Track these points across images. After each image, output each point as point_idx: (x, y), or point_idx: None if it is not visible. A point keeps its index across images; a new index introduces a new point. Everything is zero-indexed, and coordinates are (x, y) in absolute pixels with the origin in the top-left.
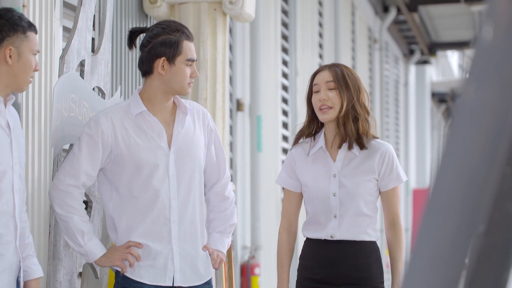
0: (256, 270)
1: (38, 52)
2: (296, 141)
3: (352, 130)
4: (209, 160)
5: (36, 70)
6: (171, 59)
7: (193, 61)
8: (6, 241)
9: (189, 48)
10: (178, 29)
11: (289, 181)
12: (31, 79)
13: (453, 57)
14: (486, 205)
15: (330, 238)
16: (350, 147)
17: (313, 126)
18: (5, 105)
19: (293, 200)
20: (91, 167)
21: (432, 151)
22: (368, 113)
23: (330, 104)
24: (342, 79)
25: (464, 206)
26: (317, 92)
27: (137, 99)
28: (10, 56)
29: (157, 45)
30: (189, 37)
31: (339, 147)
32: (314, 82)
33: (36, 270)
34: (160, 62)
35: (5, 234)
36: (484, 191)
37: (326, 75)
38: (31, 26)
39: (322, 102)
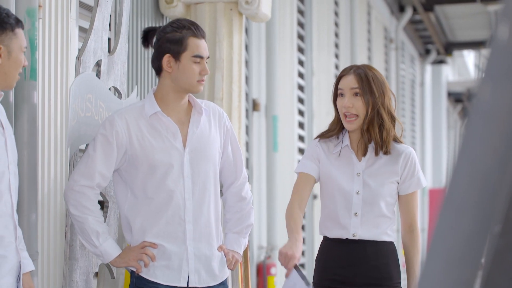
0: (272, 270)
1: (26, 48)
2: (321, 136)
3: (377, 138)
4: (225, 160)
5: (24, 66)
6: (176, 56)
7: (201, 57)
8: (8, 243)
9: (195, 44)
10: (185, 26)
11: (310, 165)
12: (19, 75)
13: (469, 57)
14: (501, 205)
15: (352, 237)
16: (376, 154)
17: (339, 126)
18: None
19: (307, 183)
20: (105, 167)
21: (448, 151)
22: (393, 119)
23: (355, 111)
24: (367, 84)
25: (480, 206)
26: (341, 96)
27: (152, 99)
28: (0, 55)
29: (163, 42)
30: (196, 34)
31: (363, 152)
32: (339, 86)
33: (27, 264)
34: (166, 59)
35: (6, 236)
36: (499, 191)
37: (351, 81)
38: (19, 23)
39: (346, 109)
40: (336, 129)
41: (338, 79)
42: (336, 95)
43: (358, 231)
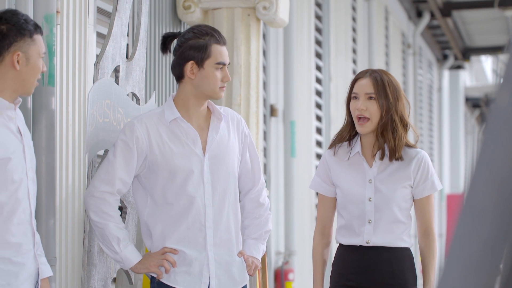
0: (290, 276)
1: (45, 54)
2: (333, 144)
3: (391, 143)
4: (243, 166)
5: (43, 72)
6: (199, 63)
7: (224, 64)
8: (26, 250)
9: (219, 51)
10: (208, 33)
11: (322, 185)
12: (37, 81)
13: (487, 62)
14: None
15: (366, 244)
16: (390, 159)
17: (351, 131)
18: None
19: (327, 205)
20: (126, 173)
21: (466, 156)
22: (406, 124)
23: (368, 115)
24: (382, 88)
25: (498, 212)
26: (355, 99)
27: (171, 105)
28: (18, 61)
29: (186, 49)
30: (219, 41)
31: (380, 156)
32: (354, 89)
33: (45, 270)
34: (189, 66)
35: (25, 243)
36: None
37: (366, 84)
38: (37, 29)
39: (360, 112)
40: (347, 132)
41: (353, 82)
42: (350, 98)
43: (372, 237)
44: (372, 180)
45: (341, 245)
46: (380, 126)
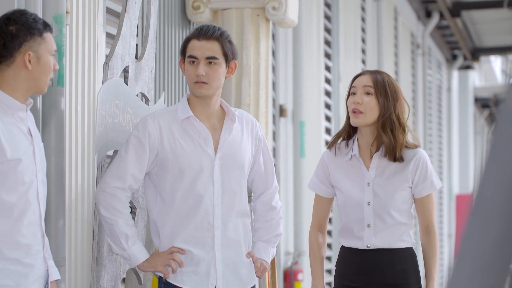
0: (299, 276)
1: (56, 51)
2: (331, 144)
3: (391, 141)
4: (257, 170)
5: (55, 70)
6: (183, 58)
7: (194, 58)
8: (35, 251)
9: (192, 46)
10: (195, 31)
11: (320, 187)
12: (50, 80)
13: (496, 62)
14: None
15: (366, 248)
16: (390, 159)
17: (349, 130)
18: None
19: (324, 205)
20: (137, 169)
21: (475, 156)
22: (404, 125)
23: (362, 109)
24: (382, 86)
25: (508, 212)
26: (353, 94)
27: (185, 104)
28: (29, 61)
29: None
30: (197, 36)
31: (377, 156)
32: (353, 84)
33: (53, 273)
34: (180, 63)
35: (34, 244)
36: None
37: (365, 79)
38: (47, 27)
39: (355, 105)
40: (345, 132)
41: (353, 79)
42: (349, 95)
43: (372, 241)
44: (370, 183)
45: (343, 247)
46: (378, 125)
